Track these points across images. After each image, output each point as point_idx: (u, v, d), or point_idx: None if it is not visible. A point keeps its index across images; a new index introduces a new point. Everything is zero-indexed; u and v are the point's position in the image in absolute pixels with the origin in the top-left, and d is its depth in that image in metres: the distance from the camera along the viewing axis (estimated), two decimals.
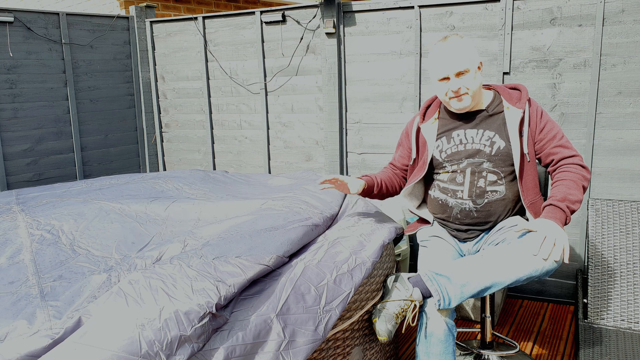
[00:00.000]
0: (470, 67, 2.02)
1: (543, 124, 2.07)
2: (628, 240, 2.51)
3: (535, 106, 2.10)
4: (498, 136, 2.07)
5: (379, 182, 2.27)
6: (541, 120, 2.08)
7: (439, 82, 2.08)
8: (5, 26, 3.62)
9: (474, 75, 2.03)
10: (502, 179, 2.07)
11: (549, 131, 2.07)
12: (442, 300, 1.87)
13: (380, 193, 2.30)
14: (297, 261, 1.81)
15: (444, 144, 2.15)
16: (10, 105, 3.70)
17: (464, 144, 2.11)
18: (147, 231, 2.07)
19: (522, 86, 2.15)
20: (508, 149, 2.05)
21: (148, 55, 4.40)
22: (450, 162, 2.13)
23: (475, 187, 2.08)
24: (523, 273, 1.82)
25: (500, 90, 2.16)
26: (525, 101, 2.08)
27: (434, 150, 2.17)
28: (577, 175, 1.99)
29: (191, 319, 1.43)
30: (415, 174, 2.24)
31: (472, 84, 2.04)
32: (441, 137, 2.17)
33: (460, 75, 2.02)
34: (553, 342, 2.74)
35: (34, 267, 1.77)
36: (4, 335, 1.36)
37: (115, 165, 4.37)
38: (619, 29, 2.81)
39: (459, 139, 2.13)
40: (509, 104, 2.09)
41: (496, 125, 2.09)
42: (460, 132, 2.13)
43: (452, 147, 2.13)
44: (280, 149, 4.00)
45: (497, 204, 2.07)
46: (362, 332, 1.96)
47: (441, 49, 2.05)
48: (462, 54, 2.01)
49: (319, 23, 3.62)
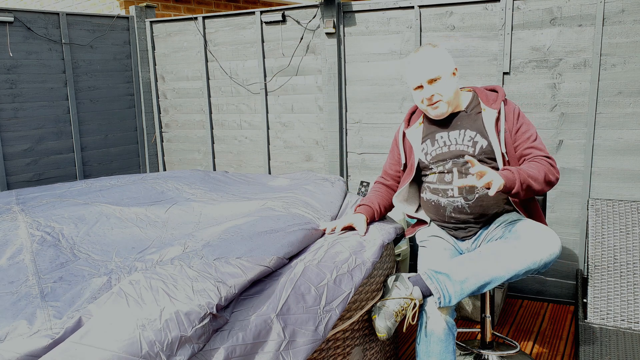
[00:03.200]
0: (443, 74, 2.07)
1: (519, 125, 2.10)
2: (628, 240, 2.51)
3: (511, 106, 2.13)
4: (479, 135, 2.11)
5: (377, 209, 2.29)
6: (517, 120, 2.11)
7: (415, 90, 2.14)
8: (5, 26, 3.62)
9: (447, 82, 2.09)
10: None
11: (524, 132, 2.10)
12: (443, 298, 1.88)
13: (382, 217, 2.35)
14: (297, 261, 1.81)
15: (428, 147, 2.20)
16: (10, 105, 3.70)
17: (447, 146, 2.15)
18: (147, 235, 2.07)
19: (500, 87, 2.21)
20: (490, 146, 2.09)
21: (148, 55, 4.40)
22: (436, 163, 2.17)
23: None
24: (521, 266, 1.85)
25: (478, 92, 2.20)
26: (500, 101, 2.12)
27: (420, 153, 2.21)
28: (543, 166, 2.01)
29: (192, 320, 1.43)
30: (404, 179, 2.29)
31: (445, 91, 2.09)
32: (426, 140, 2.21)
33: (433, 82, 2.08)
34: (553, 342, 2.74)
35: (34, 268, 1.77)
36: (4, 335, 1.36)
37: (115, 165, 4.36)
38: (619, 29, 2.81)
39: (442, 141, 2.17)
40: (485, 105, 2.14)
41: (476, 125, 2.13)
42: (444, 134, 2.17)
43: (437, 149, 2.17)
44: (280, 149, 4.00)
45: (489, 198, 2.10)
46: (362, 332, 1.97)
47: (414, 59, 2.12)
48: (434, 62, 2.08)
49: (319, 23, 3.61)
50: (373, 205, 2.28)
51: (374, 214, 2.26)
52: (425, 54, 2.10)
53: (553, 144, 3.05)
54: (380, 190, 2.37)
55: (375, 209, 2.28)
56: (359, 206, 2.27)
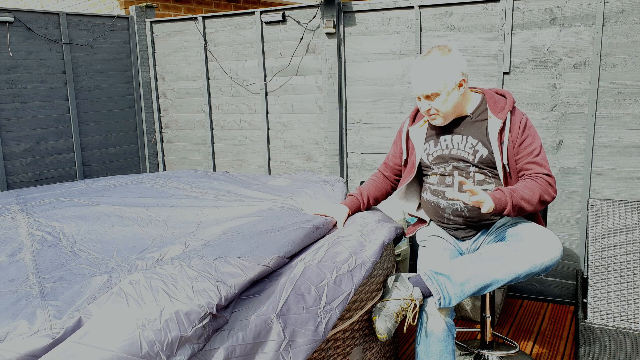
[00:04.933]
0: (442, 90, 2.00)
1: (524, 137, 2.04)
2: (628, 240, 2.51)
3: (519, 117, 2.06)
4: (481, 144, 2.07)
5: (365, 201, 2.32)
6: (523, 132, 2.04)
7: (416, 97, 2.11)
8: (5, 26, 3.62)
9: (445, 98, 2.02)
10: (490, 178, 2.09)
11: (528, 145, 2.03)
12: (443, 299, 1.88)
13: (369, 208, 2.36)
14: (297, 261, 1.81)
15: (431, 147, 2.18)
16: (10, 105, 3.70)
17: (449, 149, 2.13)
18: (148, 234, 2.07)
19: (509, 94, 2.13)
20: (491, 157, 2.05)
21: (148, 55, 4.40)
22: (437, 164, 2.16)
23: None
24: (522, 270, 1.85)
25: (487, 97, 2.14)
26: (507, 111, 2.05)
27: (422, 153, 2.20)
28: (540, 185, 1.97)
29: (192, 320, 1.43)
30: (406, 176, 2.28)
31: (442, 107, 2.04)
32: (429, 140, 2.20)
33: (430, 98, 2.03)
34: (553, 342, 2.74)
35: (34, 267, 1.77)
36: (4, 335, 1.36)
37: (115, 165, 4.36)
38: (619, 29, 2.81)
39: (445, 144, 2.15)
40: (492, 113, 2.08)
41: (480, 132, 2.09)
42: (447, 137, 2.15)
43: (439, 150, 2.16)
44: (280, 149, 4.00)
45: None
46: (362, 332, 1.97)
47: (417, 67, 2.05)
48: (434, 76, 1.99)
49: (319, 23, 3.61)
50: (361, 197, 2.31)
51: (359, 206, 2.30)
52: (429, 65, 2.01)
53: (553, 144, 3.05)
54: (377, 180, 2.39)
55: (362, 201, 2.31)
56: (348, 196, 2.32)
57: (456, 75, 2.01)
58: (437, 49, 2.04)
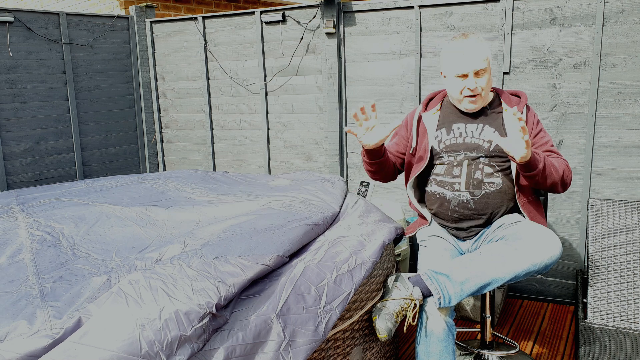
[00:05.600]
0: (487, 68, 2.05)
1: (538, 130, 2.12)
2: (628, 240, 2.51)
3: (532, 113, 2.15)
4: (497, 133, 2.09)
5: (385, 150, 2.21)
6: (536, 127, 2.13)
7: (456, 78, 2.06)
8: (5, 26, 3.62)
9: (489, 77, 2.07)
10: (498, 172, 2.09)
11: (542, 137, 2.12)
12: (443, 299, 1.88)
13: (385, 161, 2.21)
14: (297, 261, 1.81)
15: (443, 135, 2.17)
16: (10, 105, 3.70)
17: (463, 137, 2.13)
18: (147, 234, 2.07)
19: (523, 93, 2.19)
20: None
21: (148, 55, 4.40)
22: (448, 153, 2.15)
23: (473, 179, 2.09)
24: (521, 268, 1.85)
25: (501, 94, 2.19)
26: (523, 105, 2.13)
27: (433, 140, 2.19)
28: (564, 165, 2.04)
29: (191, 319, 1.43)
30: (417, 164, 2.24)
31: (487, 86, 2.07)
32: (441, 128, 2.19)
33: (479, 74, 2.04)
34: (553, 342, 2.74)
35: (34, 267, 1.77)
36: (4, 335, 1.36)
37: (115, 165, 4.36)
38: (619, 29, 2.81)
39: (458, 132, 2.15)
40: (507, 106, 2.13)
41: (496, 123, 2.12)
42: (461, 125, 2.15)
43: (451, 138, 2.15)
44: (280, 149, 4.00)
45: (494, 196, 2.09)
46: (362, 332, 1.96)
47: (462, 44, 2.03)
48: (483, 52, 2.03)
49: (319, 23, 3.61)
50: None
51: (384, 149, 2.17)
52: (476, 42, 2.02)
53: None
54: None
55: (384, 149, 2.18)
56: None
57: (490, 59, 2.07)
58: (471, 33, 2.07)
